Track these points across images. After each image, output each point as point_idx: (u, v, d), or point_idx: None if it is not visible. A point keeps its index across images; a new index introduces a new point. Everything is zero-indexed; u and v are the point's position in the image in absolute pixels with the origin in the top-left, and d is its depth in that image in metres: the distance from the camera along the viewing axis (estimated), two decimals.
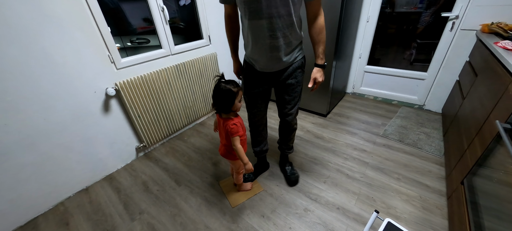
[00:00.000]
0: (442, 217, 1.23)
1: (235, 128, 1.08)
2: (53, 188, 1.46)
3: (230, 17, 1.15)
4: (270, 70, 1.14)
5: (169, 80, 1.88)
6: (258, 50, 1.06)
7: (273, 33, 0.98)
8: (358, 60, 2.53)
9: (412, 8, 3.00)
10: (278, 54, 1.05)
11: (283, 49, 1.05)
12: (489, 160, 0.94)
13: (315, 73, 1.12)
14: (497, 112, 0.97)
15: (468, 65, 1.69)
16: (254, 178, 1.57)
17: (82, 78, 1.43)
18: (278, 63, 1.10)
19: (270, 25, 0.96)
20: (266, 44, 1.02)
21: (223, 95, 1.05)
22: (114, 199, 1.52)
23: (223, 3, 1.11)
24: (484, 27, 1.61)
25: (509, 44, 1.20)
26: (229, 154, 1.25)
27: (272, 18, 0.94)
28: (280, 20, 0.96)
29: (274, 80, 1.20)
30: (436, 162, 1.61)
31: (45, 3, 1.19)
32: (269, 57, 1.06)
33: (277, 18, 0.95)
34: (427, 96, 2.25)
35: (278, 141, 1.55)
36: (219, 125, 1.21)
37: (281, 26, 0.97)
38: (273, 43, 1.01)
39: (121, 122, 1.71)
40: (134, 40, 2.05)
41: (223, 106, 1.07)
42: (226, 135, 1.13)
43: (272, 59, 1.07)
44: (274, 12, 0.93)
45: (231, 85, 1.06)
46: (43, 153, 1.37)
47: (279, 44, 1.02)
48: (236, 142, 1.10)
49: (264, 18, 0.95)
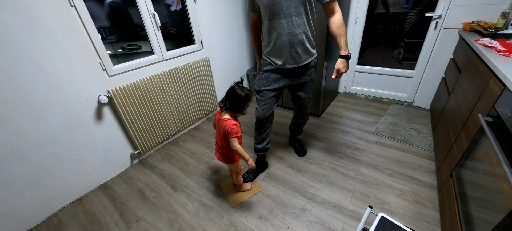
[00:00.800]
0: (434, 209, 1.28)
1: (235, 128, 1.12)
2: (46, 199, 1.42)
3: (255, 24, 1.36)
4: (289, 65, 1.27)
5: (162, 86, 1.87)
6: (278, 47, 1.22)
7: (292, 30, 1.15)
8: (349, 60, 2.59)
9: (399, 9, 3.10)
10: (297, 50, 1.21)
11: (301, 45, 1.21)
12: (475, 152, 0.98)
13: (338, 64, 1.23)
14: (480, 106, 1.02)
15: (453, 62, 1.76)
16: (253, 178, 1.59)
17: (74, 87, 1.41)
18: (297, 59, 1.25)
19: (290, 23, 1.13)
20: (286, 40, 1.18)
21: (242, 97, 1.14)
22: (110, 208, 1.50)
23: (252, 11, 1.30)
24: (466, 26, 1.69)
25: (489, 41, 1.26)
26: (225, 157, 1.26)
27: (291, 17, 1.12)
28: (299, 18, 1.13)
29: (291, 78, 1.35)
30: (426, 157, 1.66)
31: (34, 13, 1.17)
32: (288, 52, 1.22)
33: (296, 17, 1.12)
34: (416, 93, 2.33)
35: (291, 126, 1.79)
36: (217, 126, 1.23)
37: (300, 23, 1.15)
38: (292, 40, 1.18)
39: (114, 129, 1.69)
40: (126, 47, 2.04)
41: (237, 106, 1.16)
42: (224, 135, 1.16)
43: (291, 54, 1.23)
44: (293, 12, 1.11)
45: (248, 91, 1.17)
46: (35, 164, 1.34)
47: (297, 40, 1.18)
48: (234, 142, 1.13)
49: (284, 17, 1.12)
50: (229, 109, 1.18)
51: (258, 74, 1.40)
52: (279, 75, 1.33)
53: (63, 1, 1.26)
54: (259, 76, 1.38)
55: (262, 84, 1.36)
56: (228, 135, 1.12)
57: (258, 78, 1.40)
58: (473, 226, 0.84)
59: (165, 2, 2.01)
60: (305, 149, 1.82)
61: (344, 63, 1.23)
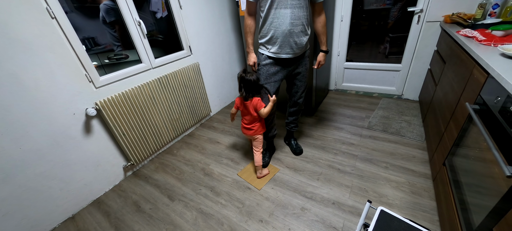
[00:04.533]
0: (430, 198, 1.30)
1: (260, 102, 1.40)
2: (34, 221, 1.35)
3: (251, 14, 1.37)
4: (287, 55, 1.35)
5: (153, 94, 1.83)
6: (278, 36, 1.29)
7: (293, 21, 1.24)
8: (337, 57, 2.63)
9: (382, 5, 3.19)
10: (295, 40, 1.30)
11: (300, 37, 1.30)
12: (465, 140, 1.01)
13: (320, 57, 1.48)
14: (466, 95, 1.06)
15: (437, 54, 1.82)
16: (269, 161, 1.75)
17: (58, 101, 1.35)
18: (295, 49, 1.33)
19: (293, 14, 1.23)
20: (287, 30, 1.26)
21: (254, 80, 1.35)
22: (104, 224, 1.44)
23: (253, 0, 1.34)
24: (446, 18, 1.75)
25: (469, 32, 1.31)
26: (255, 130, 1.50)
27: (295, 8, 1.22)
28: (300, 10, 1.24)
29: (288, 68, 1.44)
30: (419, 147, 1.70)
31: (10, 27, 1.12)
32: (287, 42, 1.30)
33: (299, 9, 1.23)
34: (404, 86, 2.39)
35: (287, 121, 1.82)
36: (245, 108, 1.45)
37: (301, 15, 1.25)
38: (293, 30, 1.27)
39: (105, 142, 1.63)
40: (112, 57, 1.98)
41: (254, 89, 1.38)
42: (256, 109, 1.42)
43: (290, 44, 1.31)
44: (296, 4, 1.22)
45: (253, 74, 1.36)
46: (20, 186, 1.27)
47: (297, 30, 1.28)
48: (265, 110, 1.41)
49: (289, 8, 1.22)
50: (252, 93, 1.38)
51: (261, 68, 1.44)
52: (277, 67, 1.41)
53: (42, 14, 1.21)
54: (259, 71, 1.45)
55: (266, 75, 1.43)
56: (258, 108, 1.40)
57: (260, 71, 1.45)
58: (469, 212, 0.86)
59: (150, 9, 1.97)
60: (301, 147, 1.84)
61: (324, 57, 1.49)
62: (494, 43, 1.10)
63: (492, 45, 1.10)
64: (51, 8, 1.23)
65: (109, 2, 1.65)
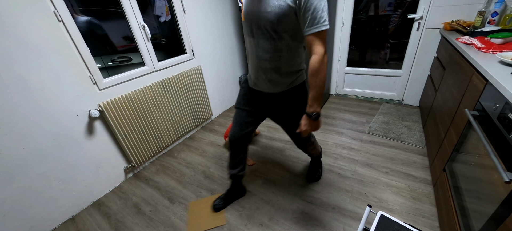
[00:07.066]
0: (431, 204, 1.30)
1: None
2: (35, 222, 1.35)
3: None
4: (259, 89, 1.10)
5: (155, 97, 1.85)
6: (250, 66, 1.09)
7: (261, 54, 0.97)
8: (338, 62, 2.66)
9: (382, 11, 3.23)
10: (265, 75, 1.02)
11: (271, 73, 1.00)
12: (465, 146, 1.02)
13: (302, 121, 0.98)
14: (465, 101, 1.07)
15: (437, 60, 1.84)
16: (223, 207, 1.43)
17: (62, 102, 1.37)
18: (266, 84, 1.06)
19: (258, 46, 0.96)
20: (255, 62, 1.02)
21: None
22: (104, 225, 1.44)
23: None
24: (446, 25, 1.77)
25: (468, 39, 1.33)
26: None
27: (260, 39, 0.94)
28: (269, 42, 0.93)
29: (266, 103, 1.15)
30: (419, 153, 1.71)
31: (19, 30, 1.14)
32: (258, 76, 1.06)
33: (264, 40, 0.93)
34: (405, 91, 2.40)
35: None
36: None
37: (268, 48, 0.94)
38: (261, 64, 1.00)
39: (106, 144, 1.65)
40: (116, 59, 2.01)
41: None
42: None
43: (260, 80, 1.06)
44: (261, 34, 0.93)
45: None
46: (22, 186, 1.27)
47: (266, 66, 0.99)
48: None
49: (255, 37, 0.96)
50: None
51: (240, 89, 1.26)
52: (253, 96, 1.16)
53: (50, 17, 1.24)
54: (239, 91, 1.26)
55: (237, 101, 1.24)
56: None
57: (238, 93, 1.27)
58: (469, 218, 0.86)
59: (154, 13, 2.01)
60: (317, 175, 1.55)
61: (306, 121, 0.96)
62: (493, 51, 1.11)
63: (491, 52, 1.11)
64: (59, 11, 1.26)
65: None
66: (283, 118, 1.18)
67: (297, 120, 1.06)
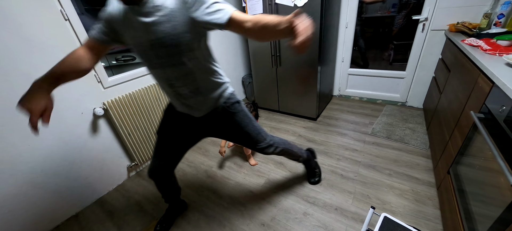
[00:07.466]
0: (434, 207, 1.29)
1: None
2: (39, 218, 1.37)
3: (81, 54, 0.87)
4: (188, 112, 1.00)
5: (158, 96, 1.86)
6: (167, 95, 0.97)
7: (171, 82, 0.86)
8: (341, 63, 2.65)
9: (386, 12, 3.21)
10: (186, 102, 0.93)
11: (191, 97, 0.92)
12: (470, 149, 1.01)
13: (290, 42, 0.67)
14: (471, 104, 1.06)
15: (441, 62, 1.82)
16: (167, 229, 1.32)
17: (68, 100, 1.39)
18: (191, 110, 0.97)
19: (165, 75, 0.84)
20: (170, 91, 0.91)
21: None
22: (107, 223, 1.45)
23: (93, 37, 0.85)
24: (451, 27, 1.76)
25: (474, 41, 1.31)
26: None
27: (165, 68, 0.82)
28: (176, 69, 0.82)
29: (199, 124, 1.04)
30: (423, 155, 1.69)
31: (25, 28, 1.16)
32: (179, 104, 0.96)
33: (169, 68, 0.82)
34: (408, 93, 2.39)
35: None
36: None
37: (178, 75, 0.84)
38: (177, 91, 0.89)
39: (110, 142, 1.66)
40: (120, 58, 2.03)
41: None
42: None
43: (183, 105, 0.96)
44: (165, 62, 0.80)
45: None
46: (26, 182, 1.29)
47: (183, 92, 0.89)
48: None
49: (158, 68, 0.83)
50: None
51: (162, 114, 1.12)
52: (178, 117, 1.03)
53: (56, 15, 1.26)
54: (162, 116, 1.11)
55: (160, 126, 1.09)
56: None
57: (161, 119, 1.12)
58: (473, 221, 0.86)
59: None
60: (316, 175, 1.55)
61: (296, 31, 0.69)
62: (499, 53, 1.10)
63: (497, 54, 1.10)
64: (65, 10, 1.28)
65: None
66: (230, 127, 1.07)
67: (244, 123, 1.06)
